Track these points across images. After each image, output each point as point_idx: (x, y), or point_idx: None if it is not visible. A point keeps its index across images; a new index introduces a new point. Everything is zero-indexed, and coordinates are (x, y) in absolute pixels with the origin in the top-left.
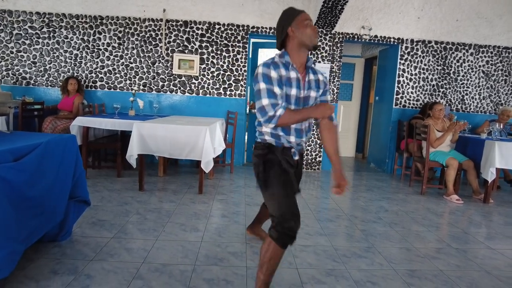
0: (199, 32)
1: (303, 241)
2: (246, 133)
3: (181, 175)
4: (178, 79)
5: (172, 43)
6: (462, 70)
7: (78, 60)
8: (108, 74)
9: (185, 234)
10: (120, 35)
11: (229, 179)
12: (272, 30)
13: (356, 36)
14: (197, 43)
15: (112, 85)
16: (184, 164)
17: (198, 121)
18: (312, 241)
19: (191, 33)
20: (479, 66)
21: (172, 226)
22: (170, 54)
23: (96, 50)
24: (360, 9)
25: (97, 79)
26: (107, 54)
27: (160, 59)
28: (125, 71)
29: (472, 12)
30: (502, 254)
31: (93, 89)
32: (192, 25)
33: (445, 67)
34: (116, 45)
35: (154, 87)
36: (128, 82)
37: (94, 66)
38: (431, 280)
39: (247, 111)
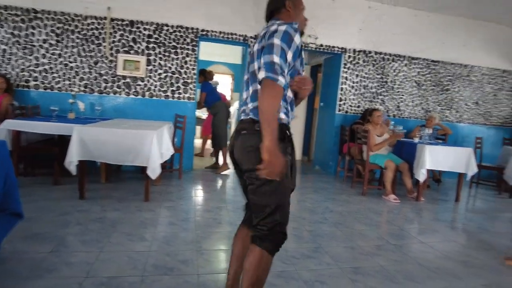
0: (146, 32)
1: None
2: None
3: (125, 182)
4: (123, 80)
5: (117, 43)
6: (398, 79)
7: (7, 56)
8: (44, 73)
9: (132, 244)
10: (58, 31)
11: (177, 185)
12: (222, 35)
13: (303, 44)
14: (144, 44)
15: (48, 85)
16: (129, 169)
17: (144, 124)
18: None
19: (137, 33)
20: (412, 76)
21: (117, 236)
22: (114, 54)
23: (29, 46)
24: (307, 18)
25: (30, 78)
26: (42, 51)
27: (103, 59)
28: (64, 71)
29: (406, 27)
30: (432, 247)
31: (26, 89)
32: (139, 25)
33: (383, 76)
34: (53, 42)
35: (96, 88)
36: (67, 82)
37: (27, 63)
38: (373, 276)
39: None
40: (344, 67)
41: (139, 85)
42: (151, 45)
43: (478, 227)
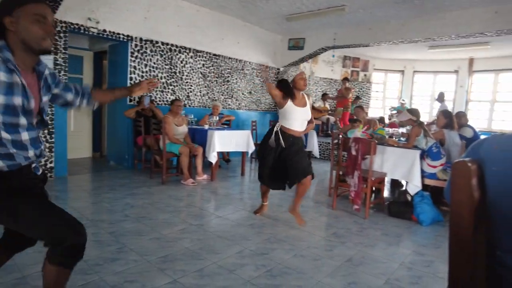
0: None
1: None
2: None
3: None
4: None
5: None
6: (185, 70)
7: None
8: None
9: None
10: None
11: None
12: None
13: (82, 28)
14: None
15: None
16: None
17: None
18: None
19: None
20: (198, 68)
21: None
22: None
23: None
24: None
25: None
26: None
27: None
28: None
29: (190, 21)
30: (227, 218)
31: None
32: None
33: (172, 67)
34: None
35: None
36: None
37: None
38: (180, 259)
39: None
40: (132, 56)
41: None
42: None
43: (258, 194)
